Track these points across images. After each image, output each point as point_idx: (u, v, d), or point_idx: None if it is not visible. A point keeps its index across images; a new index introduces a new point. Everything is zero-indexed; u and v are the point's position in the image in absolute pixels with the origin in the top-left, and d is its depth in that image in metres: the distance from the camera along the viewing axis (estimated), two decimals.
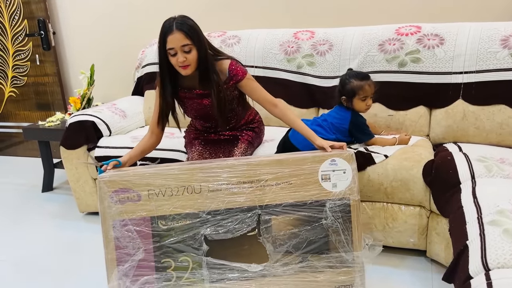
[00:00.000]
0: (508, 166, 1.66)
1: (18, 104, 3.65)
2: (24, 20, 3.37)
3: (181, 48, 1.67)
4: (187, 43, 1.67)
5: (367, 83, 1.88)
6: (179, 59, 1.68)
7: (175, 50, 1.68)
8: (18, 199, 2.86)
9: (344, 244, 1.61)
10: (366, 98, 1.89)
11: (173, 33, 1.65)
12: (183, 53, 1.68)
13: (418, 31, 2.22)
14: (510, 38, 2.02)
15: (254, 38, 2.56)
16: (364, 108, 1.92)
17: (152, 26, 3.09)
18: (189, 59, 1.70)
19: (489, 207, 1.35)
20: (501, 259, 1.11)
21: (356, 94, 1.88)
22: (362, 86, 1.87)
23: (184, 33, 1.66)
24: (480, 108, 2.04)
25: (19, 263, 2.07)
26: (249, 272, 1.59)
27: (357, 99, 1.89)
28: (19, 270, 2.01)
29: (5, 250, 2.20)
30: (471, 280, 1.11)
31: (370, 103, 1.92)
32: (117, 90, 3.24)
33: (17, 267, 2.03)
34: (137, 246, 1.54)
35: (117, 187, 1.53)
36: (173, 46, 1.67)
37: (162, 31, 1.69)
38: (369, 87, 1.88)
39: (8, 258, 2.12)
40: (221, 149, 1.97)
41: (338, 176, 1.58)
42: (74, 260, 2.06)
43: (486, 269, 1.11)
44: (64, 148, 2.40)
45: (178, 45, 1.66)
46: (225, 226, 1.55)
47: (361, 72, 1.97)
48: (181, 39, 1.66)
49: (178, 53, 1.68)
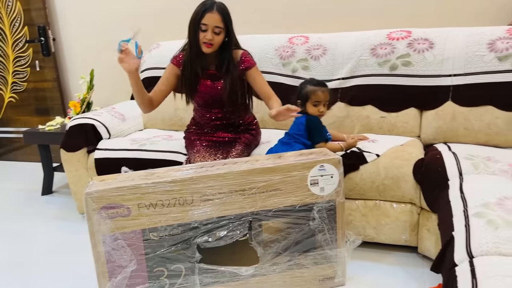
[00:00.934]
0: (494, 164, 1.72)
1: (17, 109, 3.70)
2: (25, 27, 3.44)
3: (213, 28, 1.81)
4: (220, 25, 1.82)
5: (321, 90, 1.91)
6: (207, 36, 1.82)
7: (207, 27, 1.81)
8: (18, 202, 2.90)
9: (328, 242, 1.69)
10: (318, 104, 1.91)
11: (213, 12, 1.80)
12: (212, 33, 1.82)
13: (409, 36, 2.30)
14: (496, 42, 2.10)
15: (251, 43, 2.62)
16: (316, 114, 1.93)
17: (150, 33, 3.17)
18: (216, 40, 1.84)
19: (474, 201, 1.41)
20: (484, 247, 1.17)
21: (309, 98, 1.92)
22: (315, 91, 1.90)
23: (222, 16, 1.82)
24: (469, 109, 2.11)
25: (18, 263, 2.11)
26: (240, 274, 1.64)
27: (310, 103, 1.92)
28: (19, 269, 2.05)
29: (5, 250, 2.24)
30: (456, 268, 1.17)
31: (323, 109, 1.93)
32: (116, 95, 3.29)
33: (17, 266, 2.07)
34: (129, 258, 1.54)
35: (106, 203, 1.48)
36: (208, 23, 1.81)
37: (202, 7, 1.81)
38: (322, 93, 1.91)
39: (8, 258, 2.16)
40: (220, 149, 2.03)
41: (326, 180, 1.64)
42: (73, 260, 2.10)
43: (470, 257, 1.17)
44: (64, 150, 2.44)
45: (212, 24, 1.81)
46: (217, 234, 1.58)
47: (320, 80, 2.00)
48: (217, 20, 1.81)
49: (208, 30, 1.81)
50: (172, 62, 2.04)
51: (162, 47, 2.87)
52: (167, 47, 2.81)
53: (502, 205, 1.34)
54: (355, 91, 2.34)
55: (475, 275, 1.07)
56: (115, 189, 1.48)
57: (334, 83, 2.39)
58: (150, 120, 2.79)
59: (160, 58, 2.79)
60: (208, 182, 1.54)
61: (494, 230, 1.22)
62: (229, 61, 1.93)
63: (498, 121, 2.04)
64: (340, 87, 2.38)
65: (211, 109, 2.06)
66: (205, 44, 1.85)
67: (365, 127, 2.32)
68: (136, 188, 1.49)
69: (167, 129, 2.77)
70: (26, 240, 2.34)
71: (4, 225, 2.55)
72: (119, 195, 1.48)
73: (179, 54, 2.05)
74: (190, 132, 2.21)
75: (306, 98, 1.93)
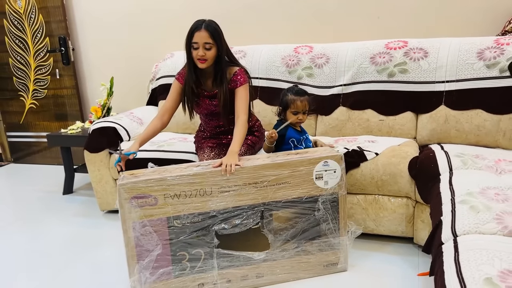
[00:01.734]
0: (482, 160, 1.92)
1: (38, 115, 3.92)
2: (46, 38, 3.67)
3: (203, 45, 1.97)
4: (209, 41, 1.97)
5: (300, 99, 2.00)
6: (199, 53, 1.98)
7: (198, 45, 1.98)
8: (40, 201, 3.10)
9: (332, 231, 1.88)
10: (297, 113, 2.02)
11: (200, 31, 1.96)
12: (204, 49, 1.98)
13: (405, 46, 2.50)
14: (485, 51, 2.30)
15: (259, 53, 2.85)
16: (294, 121, 2.03)
17: (164, 43, 3.40)
18: (208, 55, 1.99)
19: (461, 190, 1.60)
20: (466, 228, 1.36)
21: (289, 107, 2.03)
22: (295, 101, 2.00)
23: (209, 33, 1.97)
24: (460, 113, 2.30)
25: (44, 253, 2.30)
26: (253, 259, 1.84)
27: (289, 111, 2.03)
28: (45, 259, 2.24)
29: (32, 242, 2.43)
30: (442, 245, 1.36)
31: (301, 117, 2.03)
32: (132, 101, 3.51)
33: (43, 256, 2.27)
34: (155, 243, 1.73)
35: (136, 193, 1.67)
36: (197, 41, 1.97)
37: (192, 28, 2.00)
38: (301, 103, 2.00)
39: (35, 249, 2.35)
40: (224, 150, 2.20)
41: (329, 175, 1.83)
42: (95, 251, 2.30)
43: (455, 236, 1.36)
44: (88, 151, 2.65)
45: (201, 41, 1.97)
46: (233, 222, 1.78)
47: (302, 89, 2.08)
48: (205, 37, 1.97)
49: (200, 48, 1.97)
50: (176, 78, 2.20)
51: (176, 56, 3.09)
52: (180, 56, 3.02)
53: (484, 194, 1.54)
54: (356, 96, 2.54)
55: (458, 249, 1.26)
56: (144, 181, 1.68)
57: (336, 89, 2.60)
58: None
59: (174, 66, 3.01)
60: (225, 176, 1.73)
61: (476, 214, 1.41)
62: (222, 75, 2.07)
63: (487, 123, 2.23)
64: (342, 92, 2.58)
65: (213, 119, 2.24)
66: (199, 60, 2.00)
67: (365, 130, 2.52)
68: (162, 180, 1.69)
69: (181, 132, 2.97)
70: (51, 234, 2.53)
71: (30, 221, 2.75)
72: (147, 186, 1.68)
73: (182, 70, 2.20)
74: (198, 136, 2.40)
75: (286, 106, 2.04)
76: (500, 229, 1.32)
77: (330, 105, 2.61)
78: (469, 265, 1.15)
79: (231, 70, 2.12)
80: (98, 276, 2.05)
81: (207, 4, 3.19)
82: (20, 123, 4.00)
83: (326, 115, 2.62)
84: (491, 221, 1.36)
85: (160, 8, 3.36)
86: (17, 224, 2.71)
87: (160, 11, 3.37)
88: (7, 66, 3.86)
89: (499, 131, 2.21)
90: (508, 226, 1.32)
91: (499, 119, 2.21)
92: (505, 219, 1.35)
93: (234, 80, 2.10)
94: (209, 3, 3.19)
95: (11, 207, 3.04)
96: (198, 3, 3.21)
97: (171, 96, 2.19)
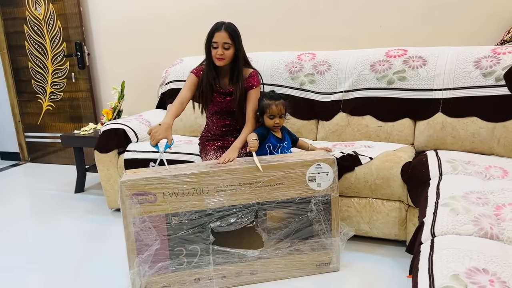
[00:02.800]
0: (472, 166, 1.97)
1: (54, 116, 4.10)
2: (63, 43, 3.84)
3: (222, 45, 2.12)
4: (228, 41, 2.13)
5: (275, 103, 2.05)
6: (218, 51, 2.12)
7: (218, 44, 2.12)
8: (53, 198, 3.25)
9: (324, 231, 1.95)
10: (274, 117, 2.07)
11: (220, 31, 2.12)
12: (222, 49, 2.12)
13: (405, 54, 2.57)
14: (482, 60, 2.35)
15: (263, 59, 2.94)
16: (271, 125, 2.09)
17: (174, 49, 3.53)
18: (226, 54, 2.14)
19: (446, 194, 1.67)
20: (444, 229, 1.42)
21: (265, 112, 2.09)
22: (270, 105, 2.05)
23: (228, 34, 2.13)
24: (456, 120, 2.35)
25: (57, 247, 2.43)
26: (247, 256, 1.92)
27: (266, 116, 2.09)
28: (57, 252, 2.37)
29: (45, 237, 2.57)
30: (421, 245, 1.42)
31: (278, 121, 2.07)
32: (142, 104, 3.65)
33: (56, 250, 2.40)
34: (154, 238, 1.83)
35: (136, 190, 1.77)
36: (217, 41, 2.12)
37: (212, 28, 2.14)
38: (276, 107, 2.05)
39: (48, 243, 2.49)
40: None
41: (322, 177, 1.91)
42: (104, 245, 2.42)
43: (433, 236, 1.42)
44: (98, 152, 2.78)
45: (221, 41, 2.12)
46: (228, 220, 1.87)
47: (277, 94, 2.12)
48: (224, 37, 2.12)
49: (219, 47, 2.12)
50: (193, 71, 2.32)
51: (185, 61, 3.20)
52: (189, 62, 3.14)
53: (466, 198, 1.60)
54: (356, 102, 2.61)
55: (433, 247, 1.33)
56: (145, 179, 1.79)
57: (337, 95, 2.67)
58: (173, 127, 3.10)
59: (183, 72, 3.13)
60: (221, 176, 1.83)
61: (455, 216, 1.47)
62: (238, 73, 2.22)
63: (482, 131, 2.28)
64: (342, 99, 2.66)
65: (222, 117, 2.35)
66: (218, 58, 2.15)
67: (364, 135, 2.58)
68: (162, 179, 1.79)
69: (188, 135, 3.09)
70: (63, 229, 2.67)
71: (44, 217, 2.89)
72: (147, 184, 1.79)
73: (199, 67, 2.34)
74: (203, 138, 2.51)
75: (262, 112, 2.10)
76: (476, 231, 1.38)
77: (330, 111, 2.69)
78: (441, 263, 1.22)
79: (246, 71, 2.27)
80: (102, 268, 2.17)
81: (214, 13, 3.30)
82: (37, 124, 4.18)
83: (327, 120, 2.70)
84: (468, 223, 1.42)
85: (171, 16, 3.50)
86: (31, 219, 2.87)
87: (170, 20, 3.51)
88: (27, 69, 4.06)
89: (493, 139, 2.25)
90: (484, 228, 1.38)
91: (494, 126, 2.25)
92: (482, 222, 1.41)
93: (249, 80, 2.24)
94: (216, 12, 3.31)
95: (27, 203, 3.20)
96: (206, 12, 3.33)
97: (188, 87, 2.27)
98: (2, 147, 4.50)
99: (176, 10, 3.47)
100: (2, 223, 2.82)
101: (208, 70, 2.24)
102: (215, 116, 2.37)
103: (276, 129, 2.14)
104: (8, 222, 2.82)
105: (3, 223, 2.81)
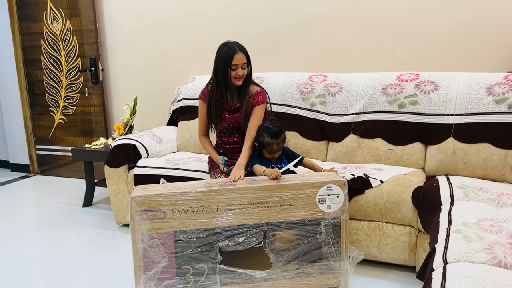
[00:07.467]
0: (484, 193, 1.95)
1: (65, 130, 4.14)
2: (78, 58, 3.91)
3: (242, 65, 2.20)
4: (245, 61, 2.22)
5: (276, 142, 2.08)
6: (239, 72, 2.21)
7: (237, 66, 2.20)
8: (61, 211, 3.26)
9: (333, 254, 1.93)
10: (273, 153, 2.12)
11: (239, 53, 2.20)
12: (241, 69, 2.20)
13: (416, 78, 2.57)
14: (494, 87, 2.35)
15: (275, 79, 2.97)
16: (269, 157, 2.14)
17: (187, 68, 3.58)
18: (244, 73, 2.23)
19: (458, 220, 1.64)
20: (457, 256, 1.40)
21: (265, 148, 2.11)
22: (271, 144, 2.08)
23: (245, 54, 2.23)
24: (468, 146, 2.34)
25: (63, 260, 2.43)
26: (254, 277, 1.90)
27: (265, 151, 2.13)
28: (64, 265, 2.36)
29: (51, 250, 2.57)
30: (433, 272, 1.40)
31: (276, 155, 2.13)
32: (154, 121, 3.68)
33: (62, 263, 2.39)
34: (162, 255, 1.83)
35: (146, 206, 1.79)
36: (237, 63, 2.20)
37: (229, 52, 2.19)
38: (277, 146, 2.09)
39: (55, 256, 2.48)
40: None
41: (332, 199, 1.90)
42: (110, 259, 2.41)
43: (445, 263, 1.40)
44: (108, 166, 2.80)
45: (241, 62, 2.20)
46: (237, 240, 1.86)
47: (276, 130, 2.10)
48: (243, 58, 2.21)
49: (238, 68, 2.20)
50: (201, 97, 2.40)
51: (197, 80, 3.24)
52: (201, 80, 3.17)
53: (479, 225, 1.57)
54: (366, 125, 2.61)
55: (445, 275, 1.30)
56: (155, 196, 1.79)
57: (348, 117, 2.68)
58: (183, 144, 3.13)
59: (195, 89, 3.16)
60: (231, 194, 1.83)
61: (468, 243, 1.45)
62: (247, 91, 2.29)
63: (494, 157, 2.26)
64: (353, 121, 2.66)
65: (231, 134, 2.37)
66: (237, 79, 2.22)
67: (374, 158, 2.57)
68: (171, 196, 1.79)
69: (197, 152, 3.10)
70: (70, 243, 2.67)
71: (51, 230, 2.89)
72: (157, 200, 1.79)
73: (205, 90, 2.39)
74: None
75: (262, 146, 2.12)
76: (490, 259, 1.36)
77: (341, 133, 2.69)
78: None
79: (253, 88, 2.33)
80: (107, 284, 2.15)
81: (226, 32, 3.34)
82: (48, 137, 4.23)
83: (337, 142, 2.70)
84: (482, 251, 1.40)
85: (184, 36, 3.55)
86: (38, 232, 2.87)
87: (183, 39, 3.56)
88: (41, 83, 4.12)
89: (506, 166, 2.23)
90: (497, 257, 1.36)
91: (506, 153, 2.23)
92: (495, 250, 1.39)
93: (255, 97, 2.30)
94: (229, 32, 3.35)
95: (34, 215, 3.21)
96: (219, 34, 3.38)
97: (203, 118, 2.41)
98: (13, 159, 4.54)
99: (189, 30, 3.53)
100: (9, 235, 2.83)
101: (222, 90, 2.28)
102: (224, 133, 2.39)
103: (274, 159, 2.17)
104: (15, 234, 2.83)
105: (10, 235, 2.82)
